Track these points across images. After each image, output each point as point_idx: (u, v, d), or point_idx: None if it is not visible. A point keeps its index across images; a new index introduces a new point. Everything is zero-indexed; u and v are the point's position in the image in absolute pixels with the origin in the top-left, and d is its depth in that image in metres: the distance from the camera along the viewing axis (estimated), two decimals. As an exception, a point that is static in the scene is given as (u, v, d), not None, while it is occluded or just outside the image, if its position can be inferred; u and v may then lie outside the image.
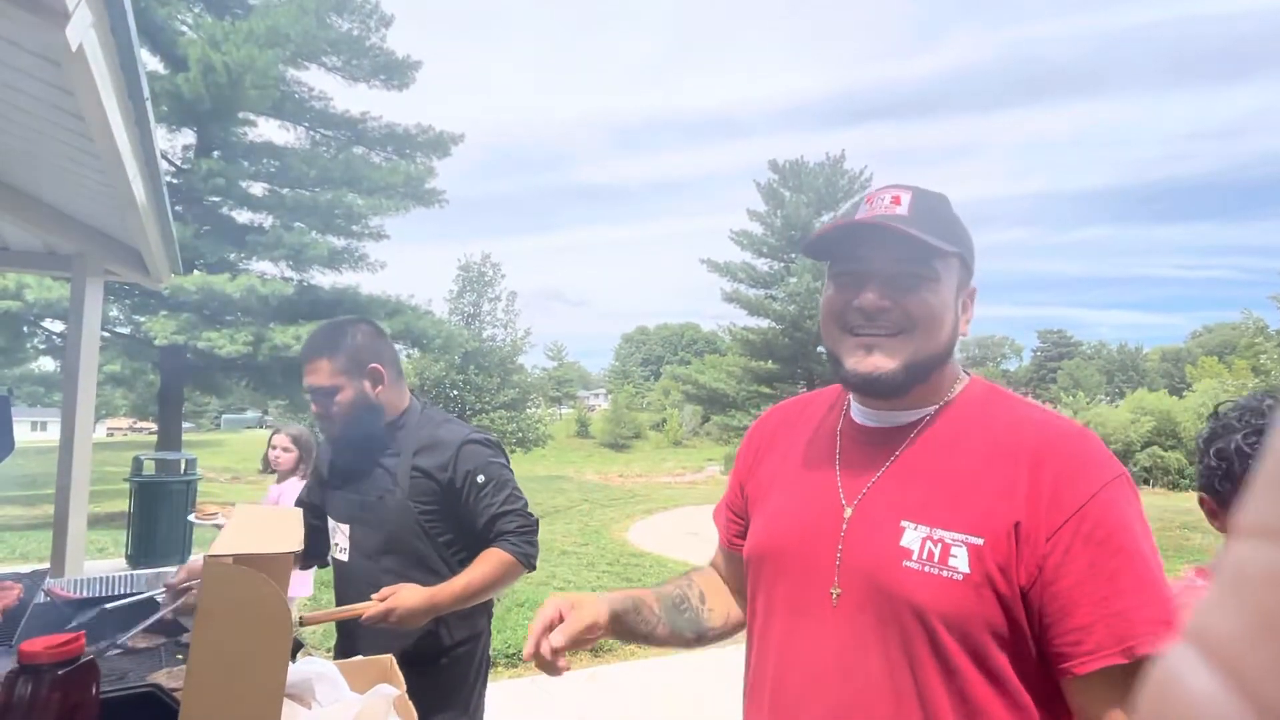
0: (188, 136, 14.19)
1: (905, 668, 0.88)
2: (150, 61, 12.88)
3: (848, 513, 0.97)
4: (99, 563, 7.56)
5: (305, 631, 4.71)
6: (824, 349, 1.05)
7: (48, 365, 16.35)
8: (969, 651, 0.86)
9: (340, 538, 1.96)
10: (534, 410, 33.56)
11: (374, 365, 1.91)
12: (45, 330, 13.76)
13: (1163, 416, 31.79)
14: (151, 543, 7.27)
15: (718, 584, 1.27)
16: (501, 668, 4.78)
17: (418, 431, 1.94)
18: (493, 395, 29.50)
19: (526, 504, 1.94)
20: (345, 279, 15.45)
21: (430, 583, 1.74)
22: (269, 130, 15.60)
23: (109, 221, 4.00)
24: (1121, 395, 46.58)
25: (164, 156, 9.33)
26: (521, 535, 1.88)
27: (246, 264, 14.56)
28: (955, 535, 0.88)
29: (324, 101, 15.05)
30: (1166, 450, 30.50)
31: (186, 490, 7.58)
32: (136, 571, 2.22)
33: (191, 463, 8.09)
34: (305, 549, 1.83)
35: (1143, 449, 30.54)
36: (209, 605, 0.90)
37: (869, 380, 0.96)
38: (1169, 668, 0.22)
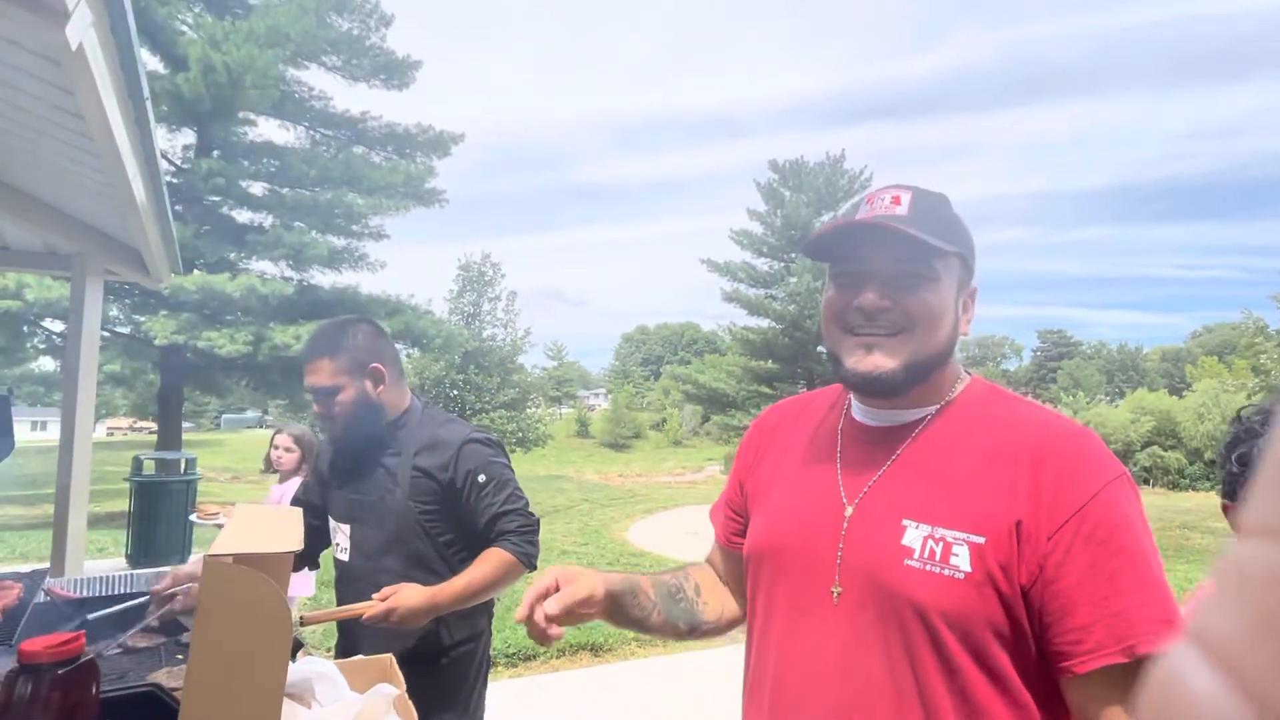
0: (188, 136, 14.23)
1: (906, 666, 0.88)
2: (150, 61, 12.88)
3: (848, 511, 0.97)
4: (99, 562, 7.56)
5: (305, 631, 4.71)
6: (825, 349, 1.05)
7: (48, 365, 16.35)
8: (970, 650, 0.86)
9: (341, 537, 1.96)
10: (534, 410, 33.57)
11: (375, 365, 1.91)
12: (45, 330, 13.77)
13: (1163, 416, 31.79)
14: (151, 542, 7.28)
15: (713, 579, 1.27)
16: (501, 667, 4.78)
17: (419, 431, 1.94)
18: (493, 395, 29.50)
19: (528, 503, 1.94)
20: (345, 279, 15.50)
21: (430, 583, 1.74)
22: (269, 130, 15.63)
23: (109, 221, 4.00)
24: (1121, 395, 46.59)
25: (164, 156, 9.33)
26: (523, 535, 1.88)
27: (246, 264, 14.57)
28: (957, 534, 0.88)
29: (324, 101, 15.06)
30: (1166, 450, 30.50)
31: (186, 490, 7.58)
32: (136, 571, 2.22)
33: (191, 462, 8.10)
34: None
35: (1143, 449, 30.54)
36: (209, 605, 0.90)
37: (869, 379, 0.97)
38: (1170, 667, 0.22)
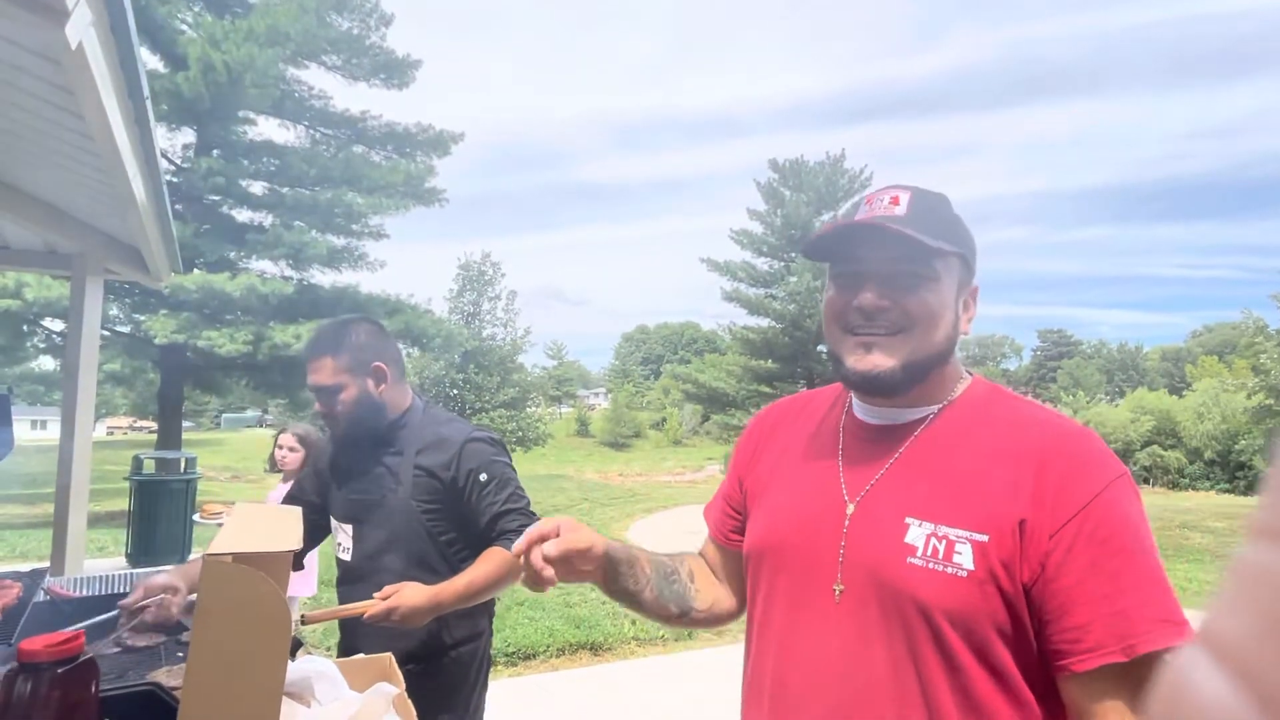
0: (188, 135, 14.22)
1: (909, 664, 0.88)
2: (150, 60, 12.88)
3: (850, 509, 0.97)
4: (99, 561, 7.57)
5: (306, 630, 4.71)
6: (826, 349, 1.05)
7: (48, 364, 16.38)
8: (973, 648, 0.86)
9: (343, 537, 1.96)
10: (534, 409, 33.63)
11: (377, 364, 1.91)
12: (45, 329, 13.75)
13: (1163, 416, 31.82)
14: (151, 541, 7.28)
15: (707, 570, 1.27)
16: (501, 666, 4.78)
17: (420, 430, 1.94)
18: (492, 394, 29.53)
19: (529, 503, 1.94)
20: (345, 278, 15.50)
21: (432, 582, 1.73)
22: (269, 129, 15.63)
23: (109, 220, 4.00)
24: (1121, 394, 46.63)
25: (164, 155, 9.33)
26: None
27: (246, 263, 14.57)
28: (960, 532, 0.88)
29: (324, 100, 15.04)
30: (1166, 449, 30.53)
31: (186, 489, 7.58)
32: (136, 570, 2.22)
33: (191, 461, 8.10)
34: None
35: (1142, 448, 30.57)
36: (208, 604, 0.90)
37: (868, 379, 0.97)
38: (1180, 670, 0.22)
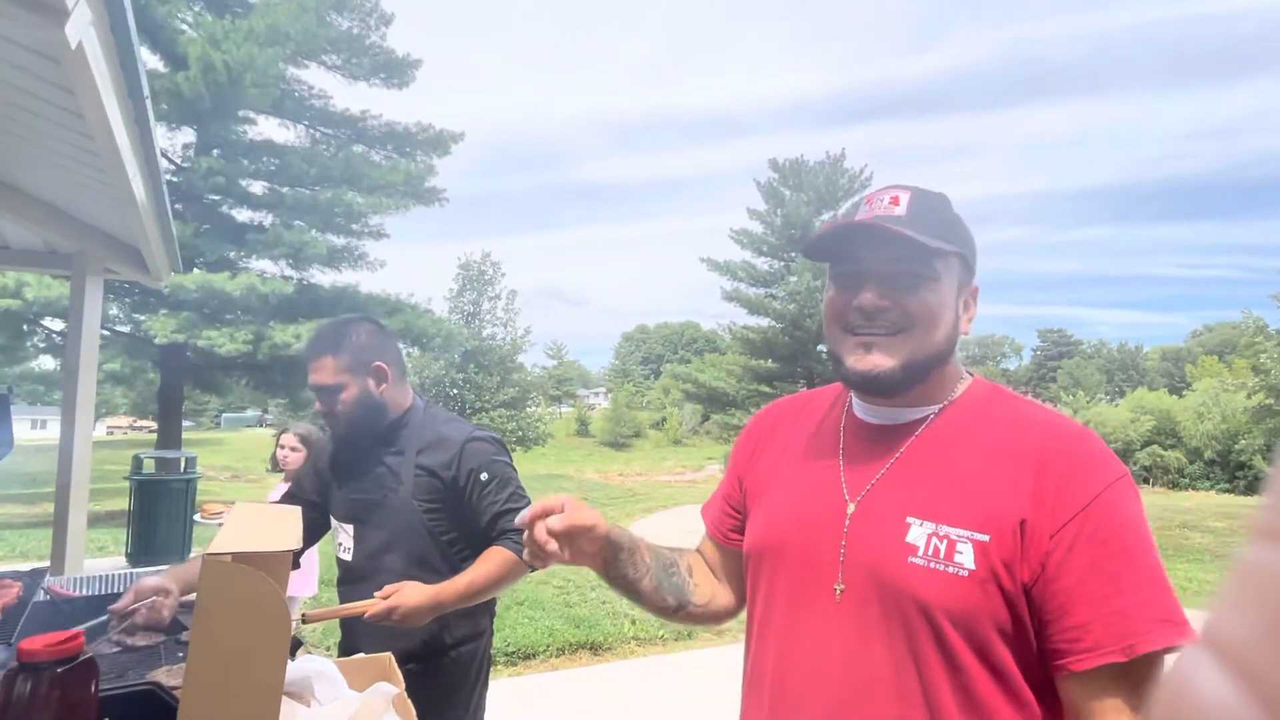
0: (188, 135, 14.22)
1: (910, 663, 0.88)
2: (150, 60, 12.88)
3: (851, 508, 0.97)
4: (99, 561, 7.57)
5: (306, 630, 4.71)
6: (827, 348, 1.05)
7: (48, 363, 16.39)
8: (974, 647, 0.86)
9: (344, 537, 1.96)
10: (534, 409, 33.63)
11: (378, 363, 1.91)
12: (45, 329, 13.75)
13: (1163, 416, 31.82)
14: (151, 541, 7.28)
15: (706, 567, 1.26)
16: (501, 666, 4.78)
17: (421, 430, 1.94)
18: (492, 394, 29.54)
19: (530, 502, 1.94)
20: (345, 278, 15.50)
21: (433, 582, 1.73)
22: (269, 128, 15.63)
23: (109, 220, 4.00)
24: (1121, 394, 46.63)
25: (164, 155, 9.33)
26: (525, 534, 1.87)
27: (246, 262, 14.56)
28: (961, 531, 0.88)
29: (324, 100, 15.03)
30: (1166, 449, 30.53)
31: (186, 489, 7.58)
32: (136, 570, 2.22)
33: (191, 461, 8.11)
34: None
35: (1142, 448, 30.57)
36: (208, 603, 0.90)
37: (868, 378, 0.97)
38: (1182, 671, 0.22)
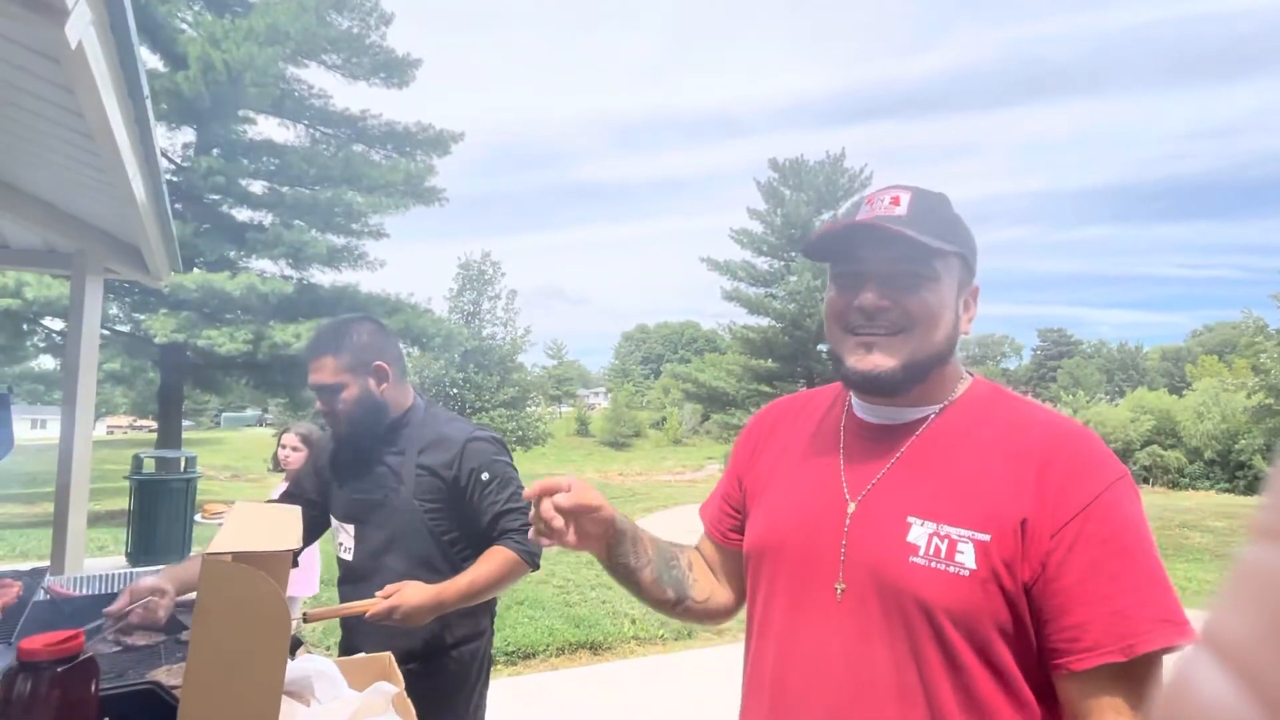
0: (187, 134, 14.23)
1: (911, 663, 0.88)
2: (150, 59, 12.88)
3: (851, 507, 0.98)
4: (99, 560, 7.57)
5: (306, 629, 4.71)
6: (828, 348, 1.05)
7: (48, 363, 16.41)
8: (974, 647, 0.87)
9: (344, 536, 1.96)
10: (534, 408, 33.63)
11: (379, 363, 1.91)
12: (45, 328, 13.76)
13: (1162, 415, 31.83)
14: (151, 540, 7.28)
15: (705, 565, 1.26)
16: (501, 665, 4.78)
17: (422, 429, 1.94)
18: (492, 393, 29.54)
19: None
20: (345, 277, 15.51)
21: (433, 581, 1.73)
22: (269, 128, 15.66)
23: (109, 219, 4.00)
24: (1121, 394, 46.63)
25: (164, 154, 9.33)
26: (526, 533, 1.88)
27: (246, 262, 14.57)
28: (962, 531, 0.88)
29: (324, 99, 15.04)
30: (1166, 449, 30.54)
31: (186, 488, 7.58)
32: (136, 569, 2.22)
33: (191, 460, 8.11)
34: None
35: (1142, 448, 30.59)
36: (207, 603, 0.90)
37: (869, 378, 0.97)
38: (1183, 671, 0.22)
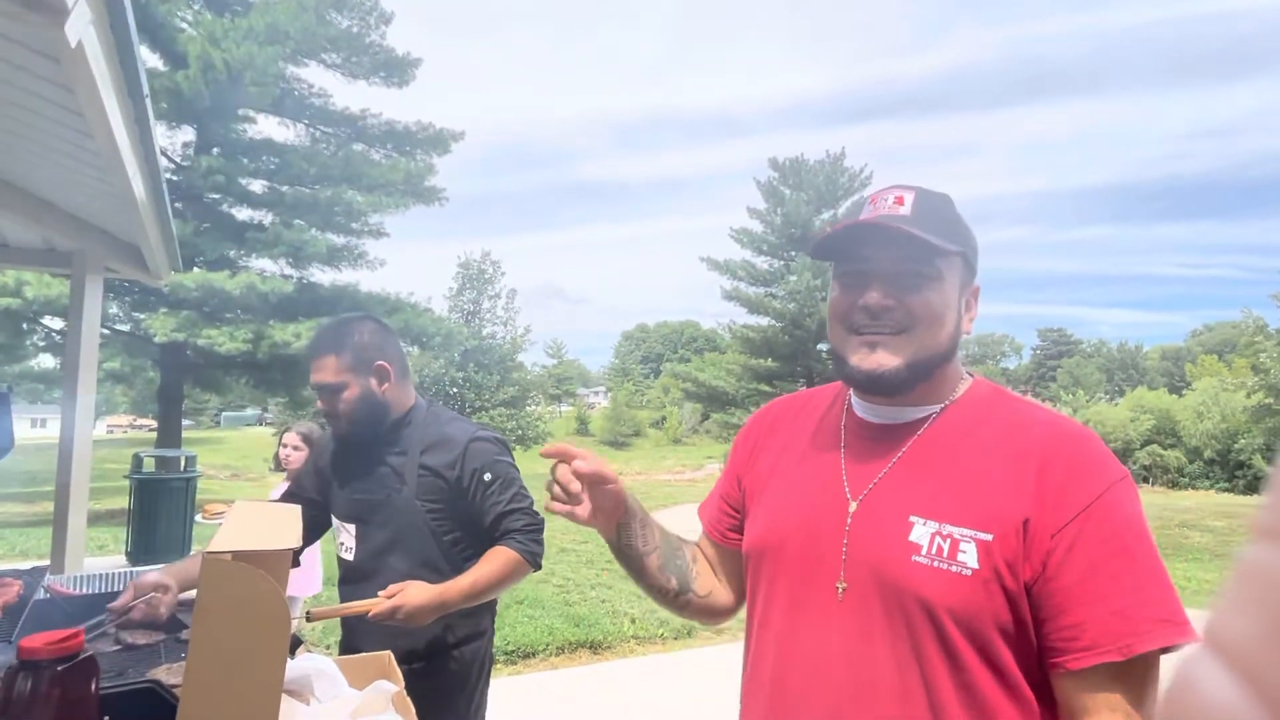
0: (187, 133, 14.23)
1: (912, 662, 0.88)
2: (150, 58, 12.87)
3: (853, 507, 0.98)
4: (99, 560, 7.57)
5: (307, 629, 4.72)
6: (829, 348, 1.05)
7: (47, 362, 16.37)
8: (976, 646, 0.87)
9: (346, 536, 1.96)
10: (534, 408, 33.64)
11: (380, 363, 1.90)
12: (45, 327, 13.76)
13: (1162, 415, 31.83)
14: (152, 540, 7.28)
15: (706, 561, 1.26)
16: (501, 665, 4.78)
17: (424, 429, 1.94)
18: (492, 393, 29.55)
19: (533, 502, 1.94)
20: (345, 276, 15.52)
21: (436, 581, 1.73)
22: (269, 127, 15.63)
23: (109, 218, 4.00)
24: (1121, 393, 46.62)
25: (164, 153, 9.33)
26: (528, 534, 1.88)
27: (246, 261, 14.57)
28: (964, 531, 0.88)
29: (324, 99, 15.04)
30: (1166, 449, 30.54)
31: (186, 487, 7.59)
32: (136, 569, 2.22)
33: (191, 460, 8.11)
34: None
35: (1142, 447, 30.58)
36: (207, 602, 0.90)
37: (873, 377, 0.97)
38: (1185, 672, 0.22)
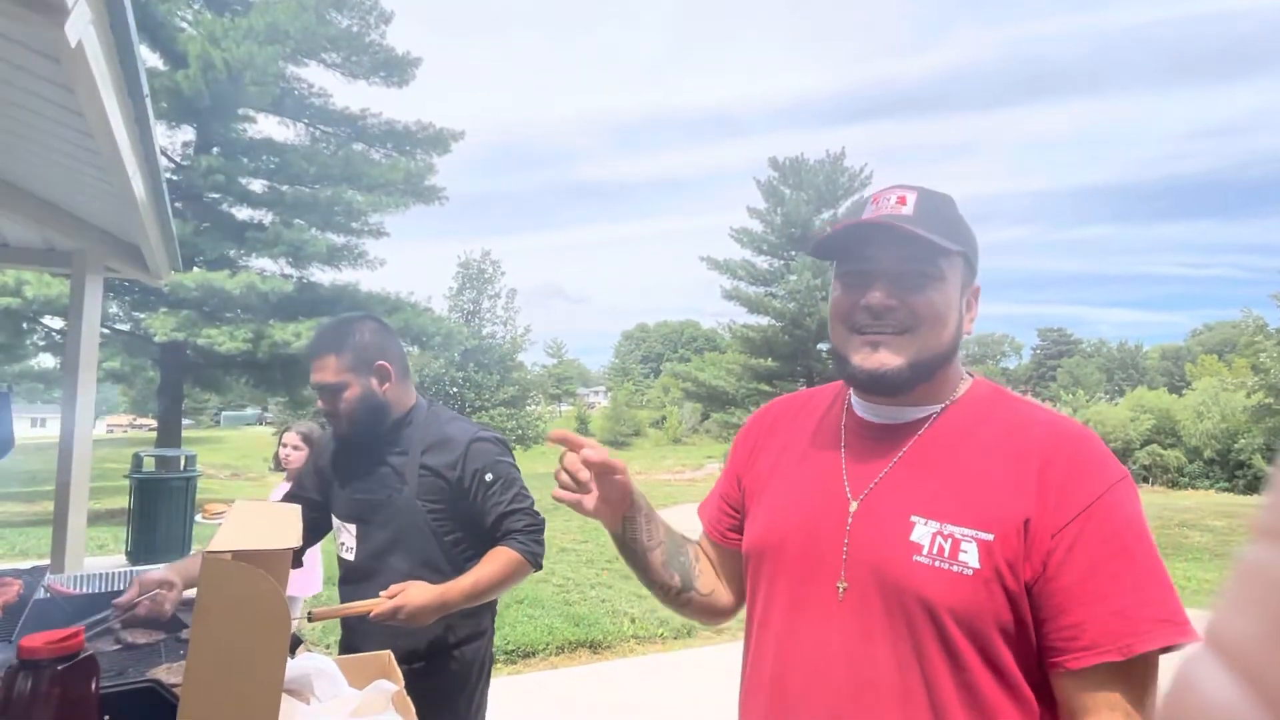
0: (187, 133, 14.23)
1: (913, 661, 0.88)
2: (150, 58, 12.87)
3: (853, 506, 0.97)
4: (99, 559, 7.57)
5: (307, 629, 4.72)
6: (830, 348, 1.05)
7: (47, 362, 16.38)
8: (977, 646, 0.87)
9: (346, 536, 1.95)
10: (533, 407, 33.65)
11: (381, 362, 1.90)
12: (45, 327, 13.75)
13: (1162, 415, 31.82)
14: (152, 539, 7.29)
15: (708, 560, 1.26)
16: (501, 665, 4.78)
17: (425, 429, 1.94)
18: (492, 392, 29.55)
19: (534, 502, 1.94)
20: (345, 276, 15.52)
21: (436, 582, 1.73)
22: (268, 127, 15.66)
23: (109, 218, 4.00)
24: (1121, 393, 46.60)
25: (164, 153, 9.33)
26: (529, 534, 1.88)
27: (246, 261, 14.57)
28: (966, 530, 0.88)
29: (324, 98, 15.03)
30: (1166, 448, 30.52)
31: (186, 487, 7.59)
32: (136, 568, 2.22)
33: (191, 459, 8.11)
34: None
35: (1142, 447, 30.57)
36: (208, 601, 0.90)
37: (875, 377, 0.97)
38: (1186, 672, 0.22)
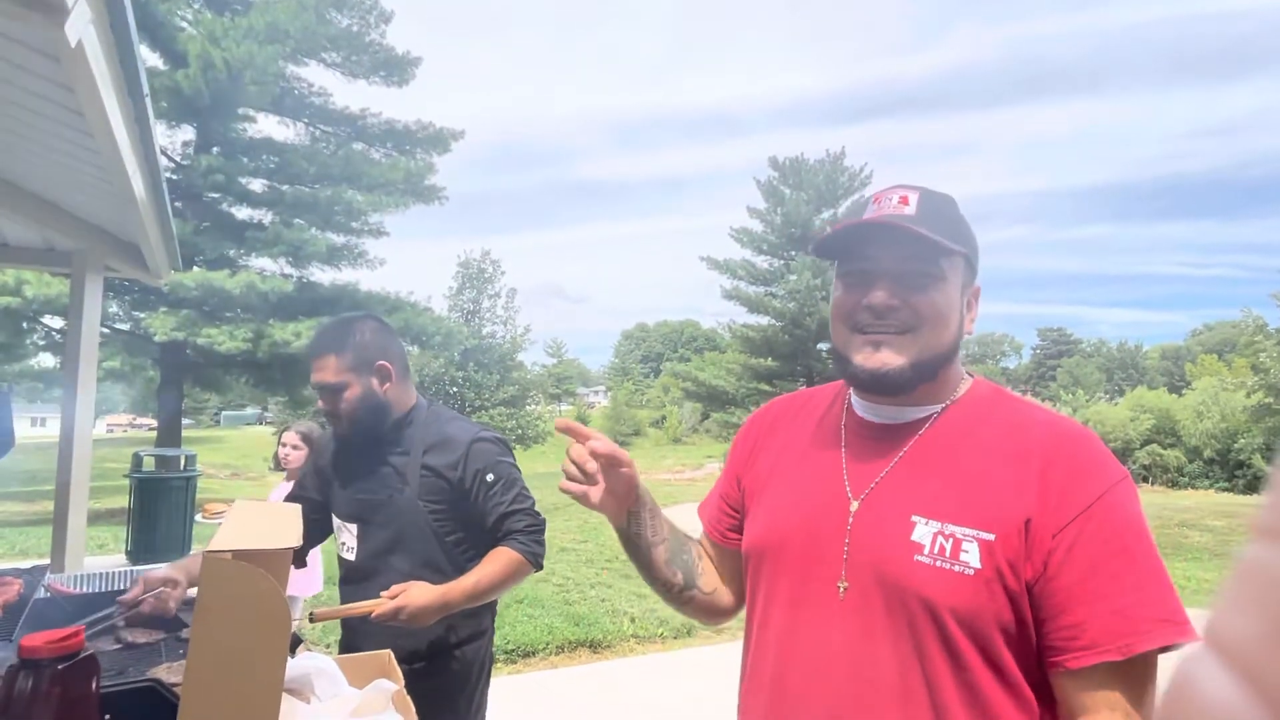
0: (187, 133, 14.23)
1: (914, 661, 0.89)
2: (150, 58, 12.87)
3: (854, 506, 0.97)
4: (99, 559, 7.57)
5: (307, 628, 4.72)
6: (831, 347, 1.05)
7: (47, 361, 16.36)
8: (978, 646, 0.87)
9: (347, 536, 1.95)
10: (533, 407, 33.65)
11: (381, 362, 1.90)
12: (45, 326, 13.75)
13: (1162, 414, 31.83)
14: (151, 539, 7.29)
15: (709, 560, 1.26)
16: (501, 664, 4.79)
17: (426, 429, 1.93)
18: (492, 392, 29.54)
19: (535, 503, 1.94)
20: (345, 275, 15.54)
21: (438, 582, 1.73)
22: (268, 126, 15.67)
23: (109, 217, 4.00)
24: (1121, 393, 46.60)
25: (164, 153, 9.33)
26: (530, 534, 1.88)
27: (246, 260, 14.57)
28: (967, 530, 0.89)
29: (323, 98, 15.04)
30: (1166, 448, 30.54)
31: (186, 487, 7.59)
32: (136, 568, 2.22)
33: (191, 459, 8.11)
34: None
35: (1142, 447, 30.59)
36: (208, 601, 0.90)
37: (877, 377, 0.97)
38: (1186, 672, 0.22)
